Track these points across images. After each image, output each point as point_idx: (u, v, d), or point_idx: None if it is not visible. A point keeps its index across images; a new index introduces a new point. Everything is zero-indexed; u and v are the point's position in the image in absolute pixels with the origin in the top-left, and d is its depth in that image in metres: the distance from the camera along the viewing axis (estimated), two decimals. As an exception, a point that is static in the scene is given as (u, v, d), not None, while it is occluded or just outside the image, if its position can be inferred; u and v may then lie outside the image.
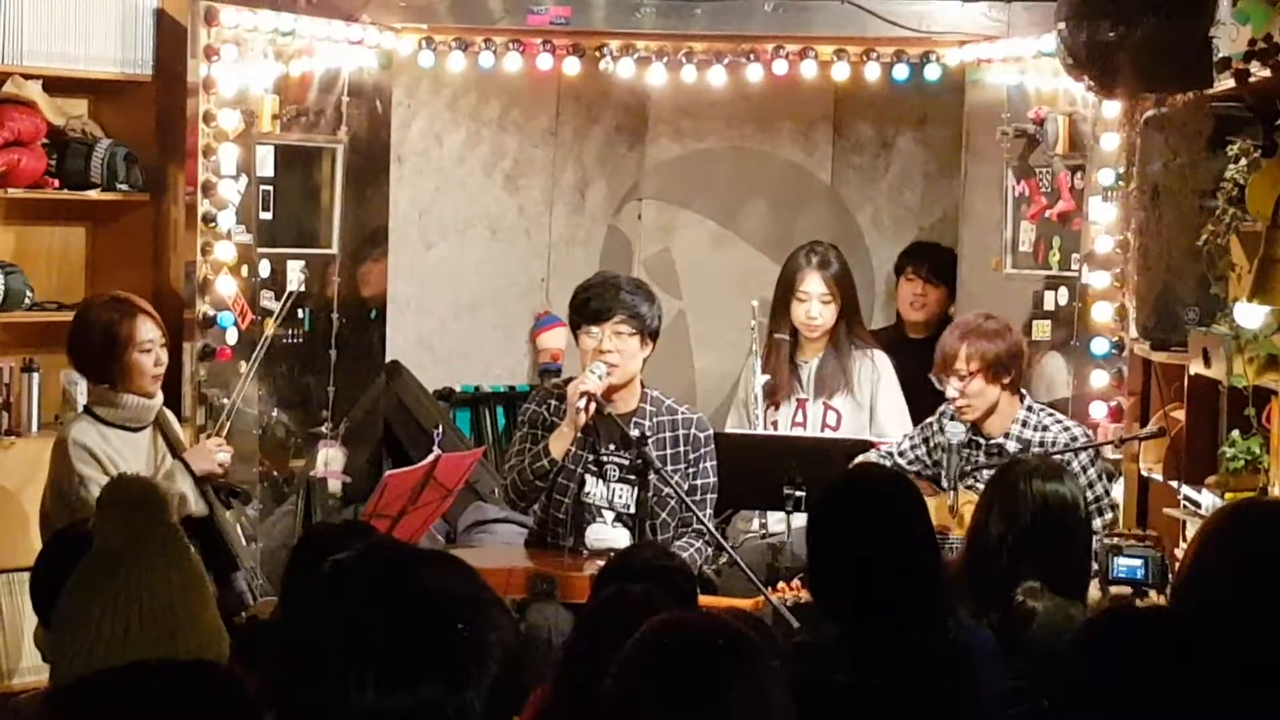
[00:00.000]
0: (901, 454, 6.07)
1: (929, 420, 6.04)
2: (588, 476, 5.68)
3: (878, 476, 4.13)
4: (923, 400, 6.68)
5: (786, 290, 6.55)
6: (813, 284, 6.50)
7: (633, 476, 5.62)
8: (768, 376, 6.54)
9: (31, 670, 5.91)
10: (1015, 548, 4.17)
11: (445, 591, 1.99)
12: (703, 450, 5.73)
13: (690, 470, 5.70)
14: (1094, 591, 4.53)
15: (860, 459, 5.78)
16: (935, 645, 3.64)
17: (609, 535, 5.61)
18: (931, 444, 5.95)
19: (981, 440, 5.84)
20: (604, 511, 5.67)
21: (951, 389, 5.81)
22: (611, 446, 5.68)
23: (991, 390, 5.82)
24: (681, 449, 5.71)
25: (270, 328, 6.37)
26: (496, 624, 1.99)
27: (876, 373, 6.54)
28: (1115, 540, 5.12)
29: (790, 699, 2.43)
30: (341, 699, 1.91)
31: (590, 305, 5.68)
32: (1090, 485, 5.60)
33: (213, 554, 5.05)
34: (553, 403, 5.74)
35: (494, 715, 1.96)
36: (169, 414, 5.60)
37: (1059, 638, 4.00)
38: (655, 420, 5.70)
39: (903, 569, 3.63)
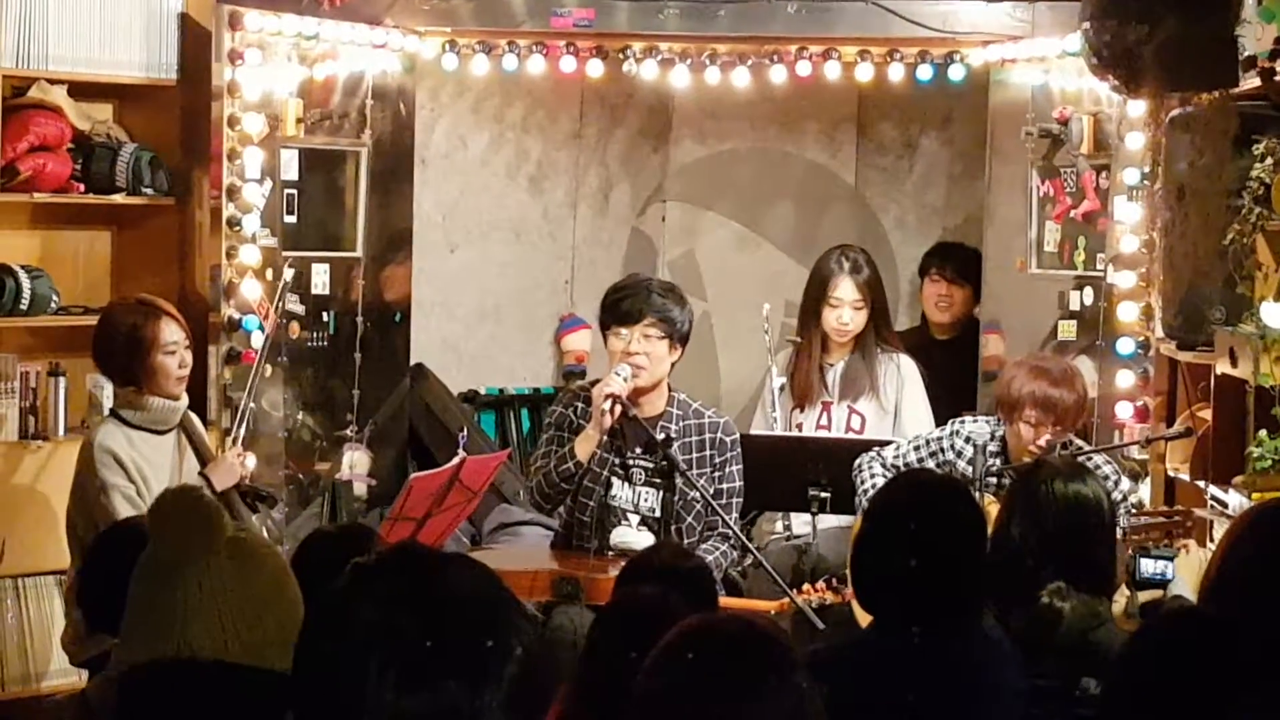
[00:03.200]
0: (903, 457, 5.82)
1: (940, 436, 5.82)
2: (613, 479, 5.67)
3: (939, 479, 4.11)
4: (948, 401, 6.67)
5: (818, 295, 6.52)
6: (845, 290, 6.47)
7: (658, 480, 5.61)
8: (783, 379, 6.53)
9: (59, 674, 5.93)
10: (1039, 550, 4.15)
11: (467, 594, 1.99)
12: (729, 454, 5.72)
13: (716, 474, 5.69)
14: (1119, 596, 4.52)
15: (862, 464, 5.74)
16: (965, 644, 3.64)
17: (634, 538, 5.60)
18: (941, 460, 5.77)
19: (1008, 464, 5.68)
20: (629, 515, 5.67)
21: (1040, 443, 5.52)
22: (637, 450, 5.68)
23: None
24: (707, 453, 5.70)
25: (271, 308, 6.29)
26: (517, 628, 1.99)
27: (901, 377, 6.52)
28: (1144, 520, 5.10)
29: (822, 703, 2.42)
30: (360, 700, 1.91)
31: (621, 306, 5.67)
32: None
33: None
34: (579, 405, 5.74)
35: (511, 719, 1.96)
36: (194, 417, 5.62)
37: (1087, 635, 4.01)
38: (682, 424, 5.70)
39: (952, 571, 3.62)
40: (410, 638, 1.92)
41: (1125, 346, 6.11)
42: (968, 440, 5.67)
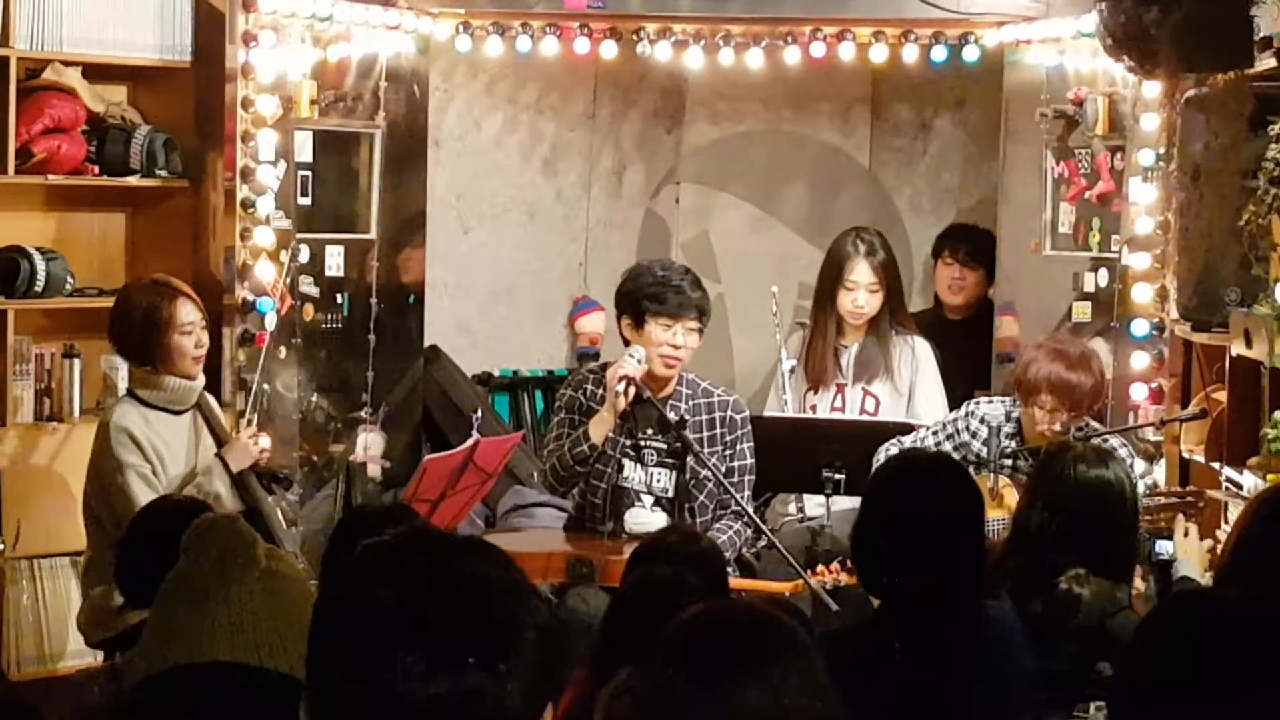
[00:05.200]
0: (922, 443, 5.80)
1: (954, 419, 5.83)
2: (626, 461, 5.69)
3: (933, 459, 4.11)
4: (961, 382, 6.67)
5: (833, 278, 6.51)
6: (861, 273, 6.46)
7: (671, 460, 5.64)
8: (793, 361, 6.53)
9: (75, 655, 5.95)
10: (1060, 535, 4.14)
11: (486, 578, 1.98)
12: (740, 432, 5.74)
13: (727, 452, 5.71)
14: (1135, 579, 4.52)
15: (882, 449, 5.72)
16: (970, 627, 3.64)
17: (648, 519, 5.62)
18: (957, 442, 5.78)
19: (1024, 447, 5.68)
20: (642, 496, 5.69)
21: (1055, 426, 5.51)
22: (649, 431, 5.69)
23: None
24: (718, 431, 5.72)
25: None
26: (534, 612, 1.99)
27: (916, 360, 6.51)
28: (1157, 501, 5.09)
29: (830, 686, 2.40)
30: (385, 686, 1.90)
31: (672, 299, 5.68)
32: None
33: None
34: (588, 387, 5.76)
35: (530, 703, 1.96)
36: (210, 398, 5.63)
37: (1105, 620, 4.01)
38: (692, 403, 5.72)
39: (949, 550, 3.61)
40: (434, 622, 1.91)
41: (1140, 328, 6.10)
42: (983, 421, 5.67)
